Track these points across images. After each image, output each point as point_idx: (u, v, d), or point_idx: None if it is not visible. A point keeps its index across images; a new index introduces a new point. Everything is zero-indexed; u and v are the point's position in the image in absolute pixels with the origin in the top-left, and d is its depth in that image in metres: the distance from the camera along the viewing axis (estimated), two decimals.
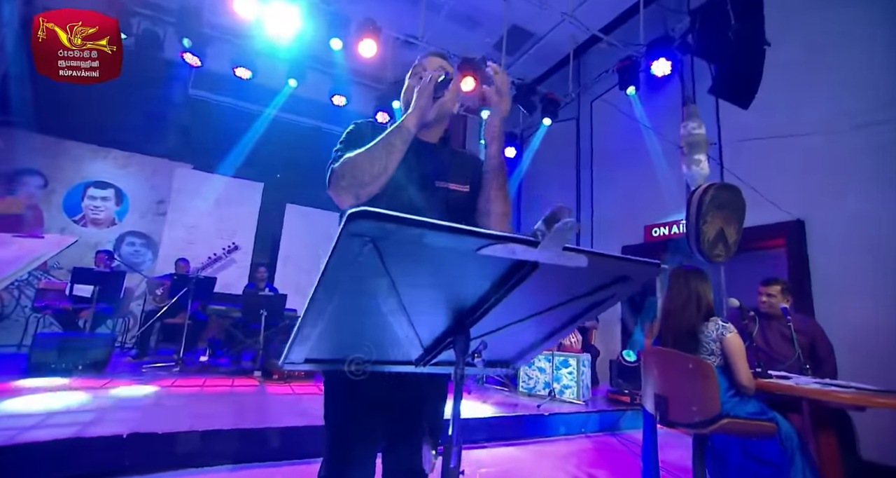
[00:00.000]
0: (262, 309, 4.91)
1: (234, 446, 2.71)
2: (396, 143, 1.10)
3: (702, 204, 2.64)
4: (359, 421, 1.15)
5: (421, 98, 1.14)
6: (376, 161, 1.09)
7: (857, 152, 3.40)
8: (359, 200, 1.10)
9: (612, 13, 6.03)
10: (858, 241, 3.26)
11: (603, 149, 6.45)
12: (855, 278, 3.21)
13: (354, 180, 1.09)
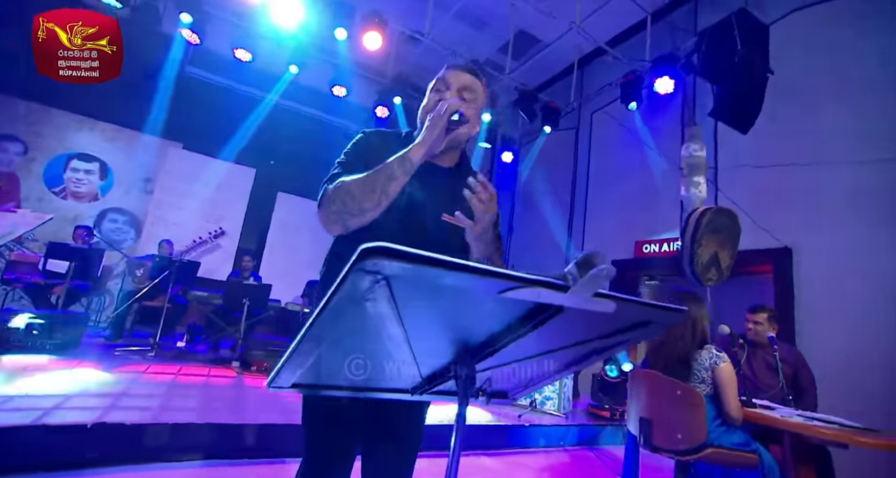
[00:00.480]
0: (245, 298, 4.78)
1: (206, 441, 2.60)
2: (398, 175, 1.02)
3: (698, 227, 2.62)
4: (336, 423, 1.10)
5: (432, 130, 1.05)
6: (372, 193, 1.00)
7: (850, 187, 3.44)
8: (346, 230, 1.04)
9: (619, 26, 6.03)
10: (844, 272, 3.31)
11: (600, 161, 6.45)
12: (839, 308, 3.26)
13: (345, 209, 1.02)
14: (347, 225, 1.03)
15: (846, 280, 3.28)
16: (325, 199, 1.05)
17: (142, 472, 2.35)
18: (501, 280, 0.49)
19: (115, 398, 2.95)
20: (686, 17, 5.17)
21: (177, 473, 2.41)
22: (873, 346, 2.97)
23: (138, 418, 2.54)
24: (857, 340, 3.05)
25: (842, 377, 2.83)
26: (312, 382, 0.76)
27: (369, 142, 1.18)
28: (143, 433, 2.50)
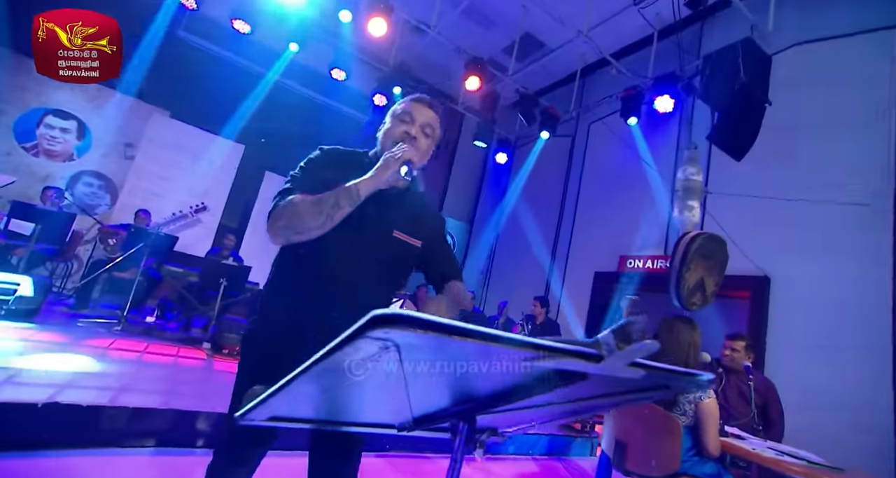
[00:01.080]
0: (223, 278, 4.61)
1: (166, 427, 2.48)
2: (344, 205, 1.08)
3: (688, 251, 2.62)
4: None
5: (384, 171, 1.12)
6: (318, 216, 1.07)
7: (832, 223, 3.50)
8: (288, 242, 1.10)
9: (625, 40, 6.01)
10: (818, 305, 3.37)
11: (593, 171, 6.45)
12: (810, 340, 3.33)
13: (290, 226, 1.08)
14: (290, 239, 1.09)
15: (820, 313, 3.35)
16: (274, 213, 1.10)
17: (96, 457, 2.22)
18: (528, 350, 0.42)
19: (74, 376, 2.78)
20: (692, 38, 5.17)
21: (133, 460, 2.29)
22: (841, 380, 3.04)
23: (95, 399, 2.39)
24: (825, 373, 3.12)
25: (807, 409, 2.88)
26: (289, 415, 0.68)
27: (325, 159, 1.23)
28: (99, 416, 2.36)
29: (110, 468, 2.19)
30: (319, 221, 1.06)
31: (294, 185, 1.16)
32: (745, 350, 2.48)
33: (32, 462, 2.06)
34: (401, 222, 1.21)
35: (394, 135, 1.22)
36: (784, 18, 3.91)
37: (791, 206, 3.75)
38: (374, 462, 2.72)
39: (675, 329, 1.97)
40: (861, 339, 3.09)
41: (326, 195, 1.08)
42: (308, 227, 1.07)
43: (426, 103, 1.27)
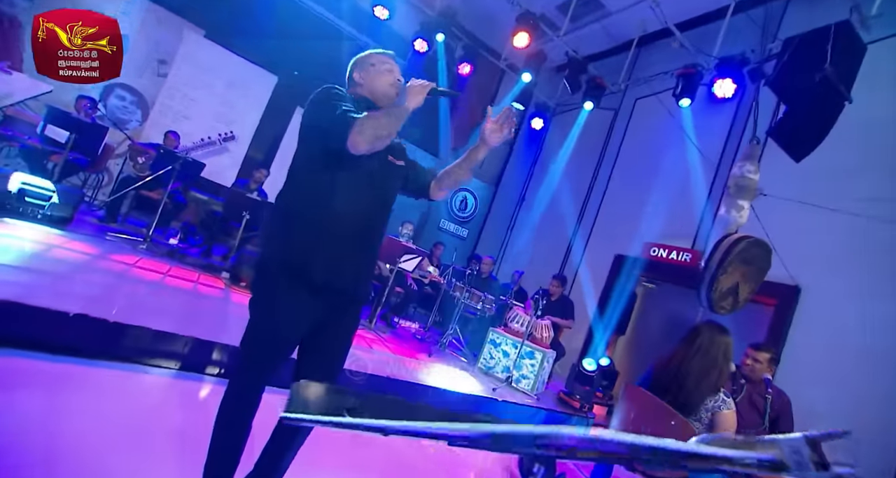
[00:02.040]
0: (247, 211, 4.58)
1: (184, 352, 2.53)
2: (403, 118, 1.34)
3: (729, 253, 2.45)
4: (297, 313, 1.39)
5: (419, 96, 1.39)
6: (393, 125, 1.31)
7: (882, 243, 3.26)
8: (369, 149, 1.30)
9: (695, 10, 5.41)
10: (846, 325, 3.22)
11: (631, 150, 6.08)
12: (830, 360, 3.21)
13: (376, 133, 1.28)
14: (374, 146, 1.30)
15: (846, 334, 3.20)
16: (357, 125, 1.28)
17: (117, 370, 2.28)
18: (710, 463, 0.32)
19: (103, 289, 2.83)
20: (773, 15, 4.62)
21: (152, 379, 2.36)
22: (854, 403, 2.97)
23: (122, 317, 2.43)
24: (841, 397, 3.04)
25: (813, 427, 2.82)
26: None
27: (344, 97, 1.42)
28: (123, 334, 2.41)
29: (131, 383, 2.26)
30: (394, 129, 1.31)
31: (352, 107, 1.36)
32: (768, 362, 2.39)
33: (61, 367, 2.12)
34: (390, 150, 1.50)
35: (388, 79, 1.53)
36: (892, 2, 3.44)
37: (840, 219, 3.49)
38: None
39: (711, 338, 1.88)
40: (884, 366, 2.98)
41: (390, 111, 1.34)
42: (389, 134, 1.30)
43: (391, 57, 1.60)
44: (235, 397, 1.40)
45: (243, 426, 1.41)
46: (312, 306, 1.38)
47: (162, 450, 1.80)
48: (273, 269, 1.38)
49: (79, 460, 1.57)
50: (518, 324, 4.19)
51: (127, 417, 1.94)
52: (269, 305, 1.38)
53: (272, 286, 1.37)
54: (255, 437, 1.47)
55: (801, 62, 3.45)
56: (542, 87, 7.53)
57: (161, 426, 1.96)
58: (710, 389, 1.79)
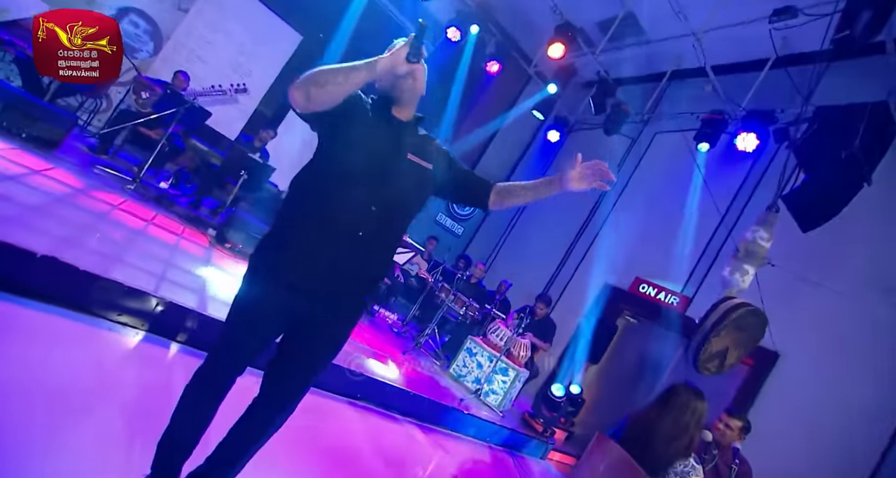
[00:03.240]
0: (245, 171, 4.36)
1: (155, 314, 2.37)
2: (361, 71, 1.12)
3: (725, 317, 2.41)
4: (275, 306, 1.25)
5: (397, 55, 1.13)
6: (339, 73, 1.10)
7: (866, 328, 3.27)
8: (308, 102, 1.12)
9: (734, 56, 5.30)
10: (816, 397, 3.24)
11: (641, 183, 6.00)
12: (794, 430, 3.22)
13: (313, 79, 1.10)
14: (310, 94, 1.11)
15: (814, 406, 3.23)
16: (294, 85, 1.12)
17: (81, 323, 2.12)
18: None
19: (78, 230, 2.62)
20: (811, 77, 4.53)
21: (117, 337, 2.19)
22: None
23: (93, 266, 2.25)
24: (799, 466, 3.06)
25: None
26: None
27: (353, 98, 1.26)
28: (93, 285, 2.23)
29: (92, 339, 2.09)
30: (338, 85, 1.10)
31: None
32: (739, 430, 2.37)
33: (22, 310, 1.95)
34: (412, 150, 1.30)
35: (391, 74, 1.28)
36: None
37: (826, 294, 3.49)
38: (341, 406, 2.69)
39: (687, 401, 1.82)
40: (847, 444, 3.01)
41: (342, 65, 1.12)
42: (327, 88, 1.09)
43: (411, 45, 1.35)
44: (201, 375, 1.31)
45: (203, 407, 1.32)
46: (285, 303, 1.25)
47: (112, 417, 1.66)
48: (258, 252, 1.32)
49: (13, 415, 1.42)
50: (498, 338, 4.12)
51: (81, 375, 1.78)
52: (246, 288, 1.29)
53: (252, 270, 1.30)
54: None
55: (831, 135, 3.40)
56: (565, 100, 7.38)
57: (116, 391, 1.81)
58: (679, 453, 1.75)
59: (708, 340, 2.40)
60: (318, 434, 2.31)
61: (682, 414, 1.79)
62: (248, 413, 1.37)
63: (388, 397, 2.88)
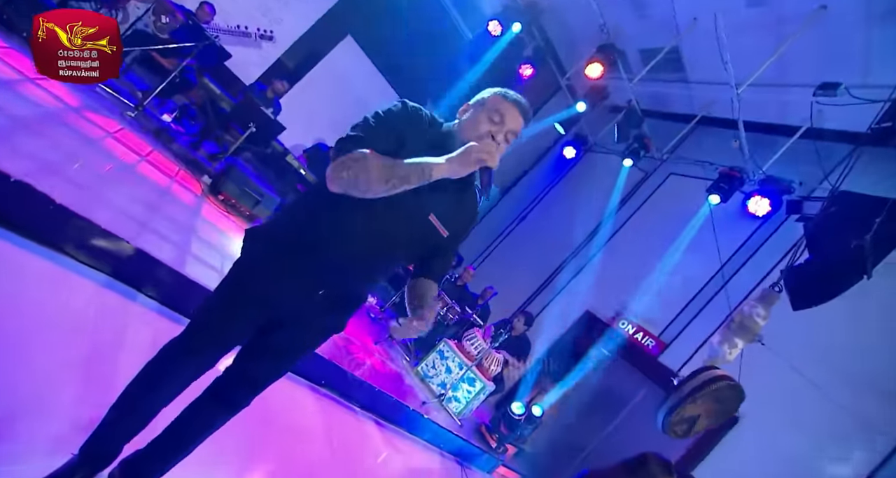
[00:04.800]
0: (254, 123, 4.11)
1: (127, 263, 2.18)
2: (412, 181, 1.01)
3: (705, 387, 2.37)
4: (238, 307, 1.13)
5: (462, 167, 1.02)
6: (384, 183, 1.00)
7: (827, 425, 3.32)
8: (344, 193, 1.04)
9: (768, 117, 5.21)
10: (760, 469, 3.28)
11: (645, 219, 5.93)
12: None
13: (354, 182, 1.01)
14: (347, 192, 1.03)
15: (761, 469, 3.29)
16: (342, 161, 1.03)
17: (44, 259, 1.93)
18: None
19: (63, 156, 2.40)
20: (837, 156, 4.48)
21: (82, 282, 2.01)
22: None
23: (70, 198, 2.05)
24: None
25: None
26: None
27: (406, 118, 1.13)
28: (68, 222, 2.04)
29: (56, 278, 1.91)
30: (384, 188, 1.00)
31: (366, 134, 1.06)
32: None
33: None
34: (439, 208, 1.13)
35: (478, 130, 1.12)
36: None
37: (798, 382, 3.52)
38: (302, 391, 2.58)
39: (654, 475, 1.76)
40: None
41: (399, 165, 1.01)
42: (371, 189, 1.00)
43: (522, 111, 1.15)
44: (168, 350, 1.18)
45: (159, 384, 1.18)
46: (247, 308, 1.13)
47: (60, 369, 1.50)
48: (258, 239, 1.18)
49: None
50: (472, 346, 4.06)
51: (30, 316, 1.61)
52: (228, 274, 1.18)
53: (231, 269, 1.18)
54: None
55: (845, 221, 3.36)
56: (588, 119, 7.22)
57: (70, 339, 1.65)
58: None
59: (683, 404, 2.37)
60: (272, 416, 2.19)
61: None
62: (208, 395, 1.26)
63: (352, 389, 2.78)
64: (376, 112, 1.11)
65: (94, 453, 1.18)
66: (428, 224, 1.13)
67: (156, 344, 1.20)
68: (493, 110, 1.13)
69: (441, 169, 1.01)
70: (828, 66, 4.27)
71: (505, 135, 1.13)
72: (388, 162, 1.00)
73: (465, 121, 1.16)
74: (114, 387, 1.49)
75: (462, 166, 1.02)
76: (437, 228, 1.14)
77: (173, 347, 1.18)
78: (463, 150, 1.02)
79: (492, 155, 1.02)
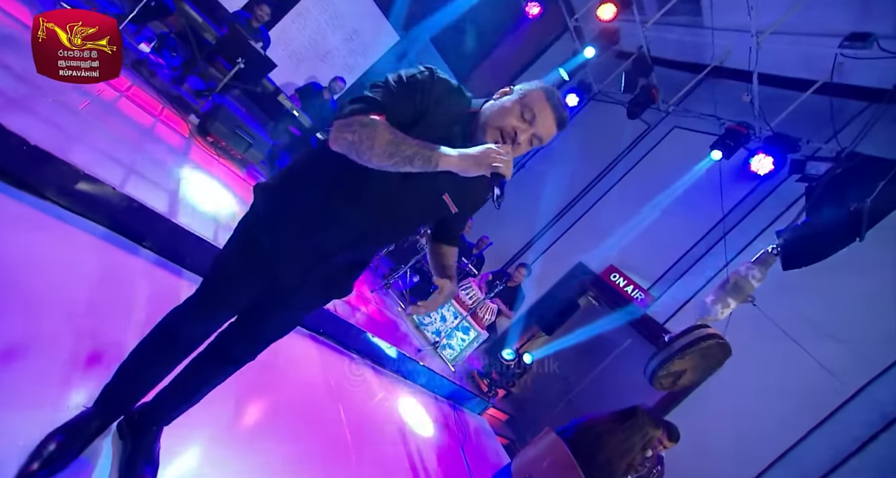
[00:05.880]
0: (243, 59, 3.74)
1: (115, 211, 2.05)
2: (416, 165, 0.91)
3: (695, 344, 2.41)
4: (251, 270, 1.08)
5: (472, 166, 0.91)
6: (387, 158, 0.91)
7: (796, 373, 3.49)
8: (342, 154, 0.95)
9: (786, 70, 4.85)
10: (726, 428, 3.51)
11: (644, 172, 5.75)
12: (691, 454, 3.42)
13: (357, 147, 0.91)
14: (349, 156, 0.94)
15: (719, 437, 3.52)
16: (348, 122, 0.93)
17: (32, 208, 1.79)
18: None
19: (30, 90, 2.14)
20: (851, 115, 4.26)
21: (73, 231, 1.88)
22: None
23: (49, 142, 1.86)
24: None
25: None
26: None
27: (431, 88, 1.00)
28: (47, 165, 1.87)
29: (40, 225, 1.79)
30: (384, 162, 0.91)
31: (384, 99, 0.96)
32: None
33: None
34: (453, 188, 1.08)
35: (503, 121, 1.01)
36: None
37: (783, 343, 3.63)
38: (303, 338, 2.59)
39: (643, 425, 1.84)
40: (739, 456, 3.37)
41: (407, 143, 0.91)
42: (370, 159, 0.91)
43: (559, 121, 1.04)
44: (182, 310, 1.16)
45: (173, 345, 1.18)
46: (259, 271, 1.09)
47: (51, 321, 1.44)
48: (251, 212, 1.12)
49: None
50: (468, 296, 4.09)
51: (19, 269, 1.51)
52: (240, 232, 1.13)
53: (240, 227, 1.13)
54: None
55: (848, 184, 3.27)
56: (593, 65, 6.74)
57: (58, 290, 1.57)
58: (620, 470, 1.80)
59: (672, 360, 2.43)
60: (274, 360, 2.21)
61: (633, 435, 1.82)
62: (214, 351, 1.25)
63: (350, 336, 2.81)
64: (399, 76, 0.99)
65: (108, 407, 1.20)
66: (441, 202, 1.09)
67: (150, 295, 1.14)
68: (528, 107, 1.01)
69: (449, 162, 0.91)
70: (859, 16, 3.92)
71: (530, 137, 1.02)
72: (398, 137, 0.91)
73: (497, 105, 1.04)
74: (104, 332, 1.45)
75: (473, 167, 0.91)
76: (448, 206, 1.10)
77: (188, 307, 1.15)
78: (479, 151, 0.91)
79: (507, 166, 0.90)
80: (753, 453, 3.52)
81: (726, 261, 4.28)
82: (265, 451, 1.73)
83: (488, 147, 0.92)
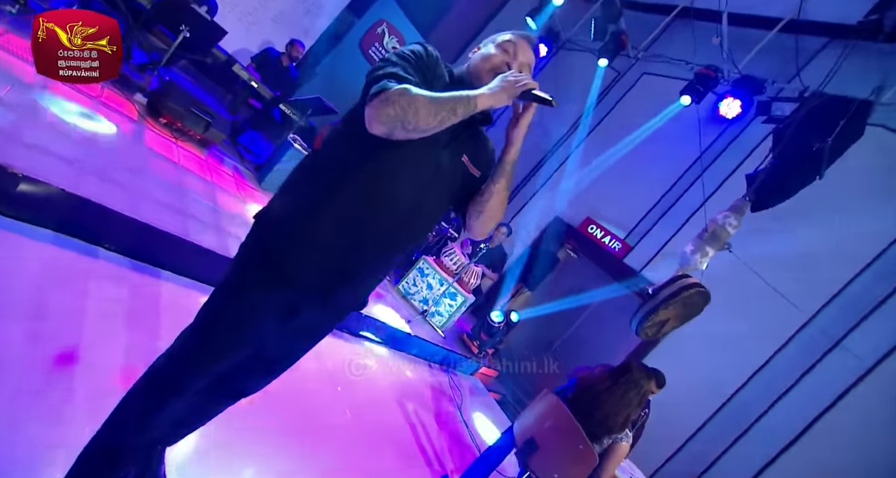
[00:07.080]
0: (187, 26, 3.30)
1: (64, 212, 1.84)
2: (459, 112, 0.91)
3: (677, 294, 2.46)
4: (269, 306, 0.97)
5: (505, 92, 0.94)
6: (434, 117, 0.88)
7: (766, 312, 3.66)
8: (390, 136, 0.90)
9: (755, 8, 4.64)
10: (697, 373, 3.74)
11: (616, 121, 5.60)
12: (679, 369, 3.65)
13: (403, 118, 0.87)
14: (394, 133, 0.89)
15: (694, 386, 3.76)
16: (384, 97, 0.88)
17: None
18: None
19: None
20: (813, 49, 4.17)
21: (25, 241, 1.68)
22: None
23: None
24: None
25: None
26: None
27: (427, 62, 1.01)
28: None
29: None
30: (434, 123, 0.88)
31: (402, 71, 0.93)
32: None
33: None
34: (468, 150, 1.07)
35: (491, 62, 1.06)
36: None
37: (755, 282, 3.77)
38: None
39: (638, 380, 1.89)
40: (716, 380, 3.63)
41: (444, 97, 0.90)
42: (418, 125, 0.88)
43: (531, 43, 1.11)
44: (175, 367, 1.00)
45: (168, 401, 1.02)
46: (278, 305, 0.98)
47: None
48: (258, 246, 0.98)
49: None
50: (451, 262, 4.04)
51: None
52: (235, 281, 0.99)
53: (246, 263, 0.99)
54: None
55: (812, 123, 3.27)
56: (560, 12, 6.33)
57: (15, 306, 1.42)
58: (618, 424, 1.86)
59: (657, 310, 2.50)
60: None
61: (629, 390, 1.87)
62: (221, 385, 1.12)
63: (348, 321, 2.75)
64: (399, 53, 0.98)
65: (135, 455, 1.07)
66: (461, 165, 1.05)
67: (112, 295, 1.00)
68: (504, 45, 1.08)
69: (485, 98, 0.92)
70: None
71: (520, 66, 1.07)
72: (433, 95, 0.89)
73: (477, 57, 1.09)
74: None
75: (505, 94, 0.93)
76: (469, 169, 1.07)
77: (194, 360, 0.99)
78: (499, 80, 0.94)
79: (529, 80, 0.94)
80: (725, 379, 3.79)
81: (702, 203, 4.34)
82: (258, 428, 1.71)
83: (503, 76, 0.95)
